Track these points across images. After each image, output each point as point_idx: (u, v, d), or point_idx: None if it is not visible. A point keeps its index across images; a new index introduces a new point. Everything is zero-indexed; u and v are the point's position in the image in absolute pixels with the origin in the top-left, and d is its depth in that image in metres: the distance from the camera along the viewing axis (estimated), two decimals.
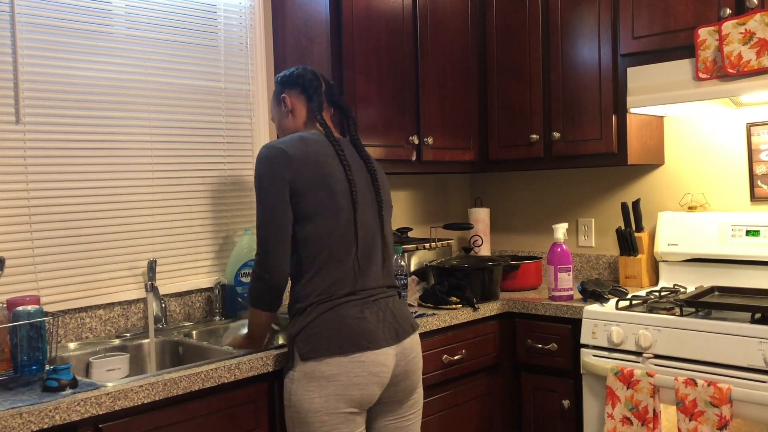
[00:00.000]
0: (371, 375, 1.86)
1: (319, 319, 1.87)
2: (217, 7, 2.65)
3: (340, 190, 1.95)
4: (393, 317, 1.97)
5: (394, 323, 1.95)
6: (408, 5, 2.81)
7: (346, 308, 1.89)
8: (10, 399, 1.56)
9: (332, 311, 1.88)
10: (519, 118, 3.01)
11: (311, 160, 1.94)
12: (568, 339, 2.57)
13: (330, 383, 1.82)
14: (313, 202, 1.91)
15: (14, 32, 2.11)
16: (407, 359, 1.96)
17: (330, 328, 1.86)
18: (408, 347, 1.97)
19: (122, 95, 2.37)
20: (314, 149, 1.97)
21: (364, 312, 1.90)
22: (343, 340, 1.84)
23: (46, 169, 2.19)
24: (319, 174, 1.93)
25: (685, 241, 2.76)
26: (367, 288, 1.95)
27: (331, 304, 1.89)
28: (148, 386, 1.69)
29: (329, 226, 1.92)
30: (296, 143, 1.97)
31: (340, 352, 1.83)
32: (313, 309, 1.88)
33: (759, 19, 2.28)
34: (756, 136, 2.70)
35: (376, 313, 1.93)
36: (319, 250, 1.91)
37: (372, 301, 1.94)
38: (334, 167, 1.97)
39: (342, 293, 1.91)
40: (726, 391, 2.08)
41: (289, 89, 2.12)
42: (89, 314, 2.28)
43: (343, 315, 1.88)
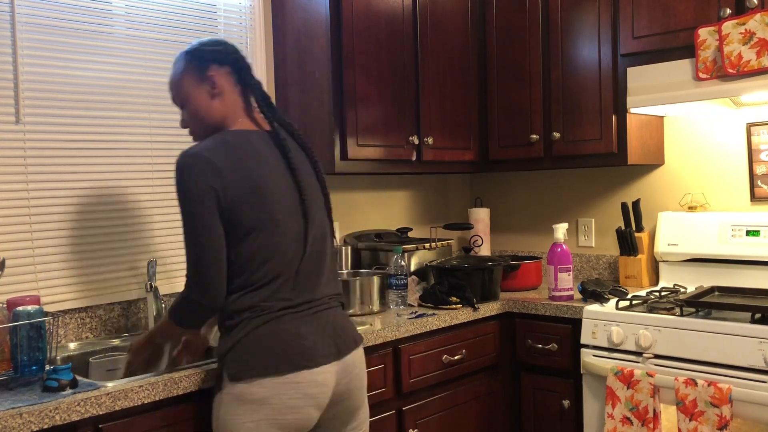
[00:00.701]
0: (308, 397, 1.67)
1: (250, 335, 1.66)
2: (217, 7, 2.65)
3: (277, 201, 1.72)
4: (334, 331, 1.77)
5: (335, 338, 1.76)
6: (408, 5, 2.81)
7: (281, 323, 1.68)
8: (10, 399, 1.56)
9: (265, 327, 1.67)
10: (519, 118, 3.01)
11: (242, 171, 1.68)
12: (568, 339, 2.57)
13: (261, 407, 1.62)
14: (248, 220, 1.68)
15: (14, 32, 2.11)
16: (349, 376, 1.78)
17: (262, 345, 1.65)
18: (350, 363, 1.78)
19: (122, 95, 2.37)
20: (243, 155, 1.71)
21: (300, 327, 1.70)
22: (277, 359, 1.64)
23: (46, 169, 2.19)
24: (253, 185, 1.69)
25: (685, 241, 2.76)
26: (306, 300, 1.75)
27: (265, 318, 1.67)
28: (148, 386, 1.69)
29: (266, 243, 1.70)
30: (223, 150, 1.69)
31: (274, 372, 1.63)
32: (245, 324, 1.67)
33: (759, 19, 2.28)
34: (756, 136, 2.70)
35: (315, 327, 1.73)
36: (255, 269, 1.69)
37: (311, 315, 1.74)
38: (267, 174, 1.72)
39: (277, 308, 1.69)
40: (726, 391, 2.08)
41: (217, 66, 1.78)
42: (89, 314, 2.28)
43: (277, 331, 1.67)
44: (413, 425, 2.38)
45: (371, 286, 2.51)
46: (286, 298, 1.71)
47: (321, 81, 2.61)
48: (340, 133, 2.59)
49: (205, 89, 1.79)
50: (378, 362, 2.27)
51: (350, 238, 3.01)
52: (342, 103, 2.59)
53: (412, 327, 2.36)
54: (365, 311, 2.49)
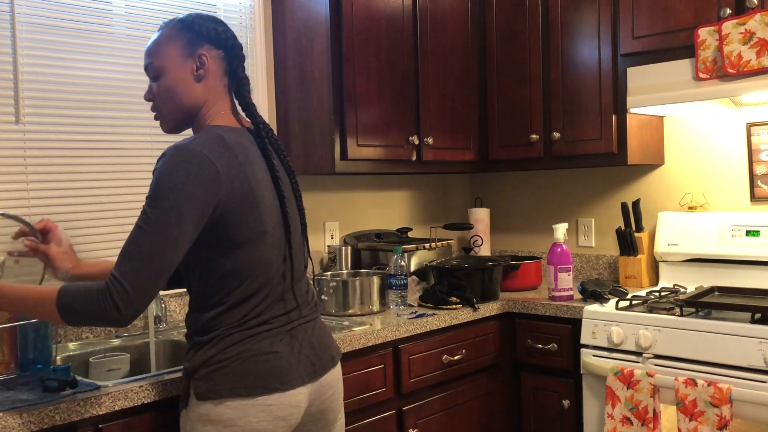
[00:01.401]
0: (278, 419, 1.56)
1: (222, 354, 1.54)
2: (217, 7, 2.65)
3: (267, 210, 1.58)
4: (311, 349, 1.65)
5: (311, 356, 1.64)
6: (408, 5, 2.81)
7: (256, 341, 1.56)
8: (10, 399, 1.56)
9: (239, 345, 1.54)
10: (519, 118, 3.01)
11: (240, 176, 1.53)
12: (568, 339, 2.57)
13: (227, 428, 1.52)
14: (239, 231, 1.53)
15: (14, 32, 2.11)
16: (322, 398, 1.68)
17: (234, 365, 1.53)
18: (325, 384, 1.68)
19: (122, 95, 2.37)
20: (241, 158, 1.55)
21: (274, 345, 1.57)
22: (248, 380, 1.53)
23: (46, 169, 2.19)
24: (248, 192, 1.53)
25: (685, 241, 2.76)
26: (283, 314, 1.62)
27: (239, 336, 1.55)
28: (148, 386, 1.69)
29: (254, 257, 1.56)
30: (222, 150, 1.52)
31: (244, 393, 1.52)
32: (218, 341, 1.55)
33: (759, 19, 2.28)
34: (756, 136, 2.70)
35: (291, 345, 1.60)
36: (238, 284, 1.56)
37: (287, 331, 1.61)
38: (260, 180, 1.58)
39: (254, 324, 1.57)
40: (726, 391, 2.08)
41: (210, 46, 1.60)
42: None
43: (250, 350, 1.55)
44: (413, 425, 2.38)
45: (371, 286, 2.51)
46: (265, 315, 1.58)
47: (321, 81, 2.61)
48: (340, 133, 2.59)
49: (189, 67, 1.60)
50: (378, 362, 2.27)
51: (350, 238, 3.01)
52: (342, 103, 2.59)
53: (412, 327, 2.36)
54: (365, 311, 2.49)
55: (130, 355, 2.16)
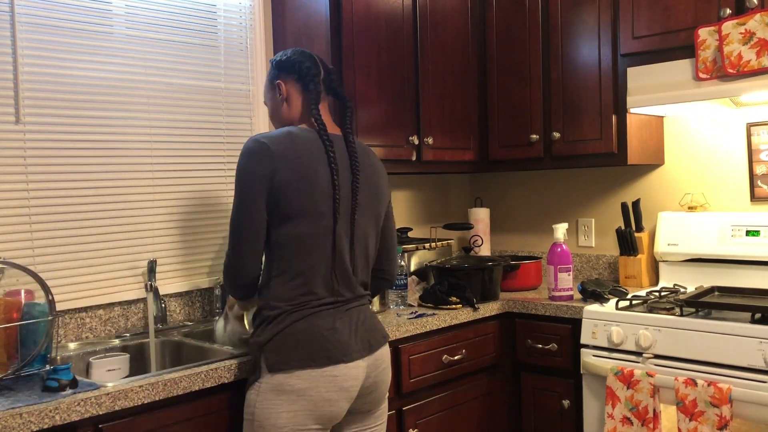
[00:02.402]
0: (342, 390, 1.75)
1: (290, 328, 1.75)
2: (217, 7, 2.65)
3: (323, 194, 1.81)
4: (364, 328, 1.87)
5: (366, 334, 1.86)
6: (408, 5, 2.81)
7: (318, 318, 1.77)
8: (10, 399, 1.56)
9: (304, 321, 1.76)
10: (519, 118, 3.01)
11: (296, 160, 1.79)
12: (568, 339, 2.57)
13: (299, 398, 1.71)
14: (292, 205, 1.78)
15: (14, 32, 2.11)
16: (378, 370, 1.87)
17: (301, 339, 1.74)
18: (379, 358, 1.88)
19: (122, 95, 2.37)
20: (301, 147, 1.82)
21: (336, 323, 1.79)
22: (316, 353, 1.73)
23: (46, 169, 2.19)
24: (303, 175, 1.79)
25: (685, 241, 2.76)
26: (339, 297, 1.84)
27: (304, 313, 1.77)
28: (148, 386, 1.69)
29: (307, 232, 1.79)
30: (283, 139, 1.82)
31: (313, 364, 1.72)
32: (284, 317, 1.76)
33: (759, 19, 2.28)
34: (756, 136, 2.70)
35: (348, 323, 1.82)
36: (293, 255, 1.79)
37: (344, 311, 1.84)
38: (320, 169, 1.82)
39: (314, 302, 1.79)
40: (726, 391, 2.08)
41: (285, 75, 1.96)
42: (89, 314, 2.28)
43: (315, 325, 1.76)
44: (413, 425, 2.38)
45: None
46: (322, 294, 1.80)
47: None
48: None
49: (275, 94, 1.98)
50: None
51: None
52: None
53: (412, 327, 2.36)
54: None
55: (130, 355, 2.16)
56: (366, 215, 1.92)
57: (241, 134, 2.72)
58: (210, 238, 2.61)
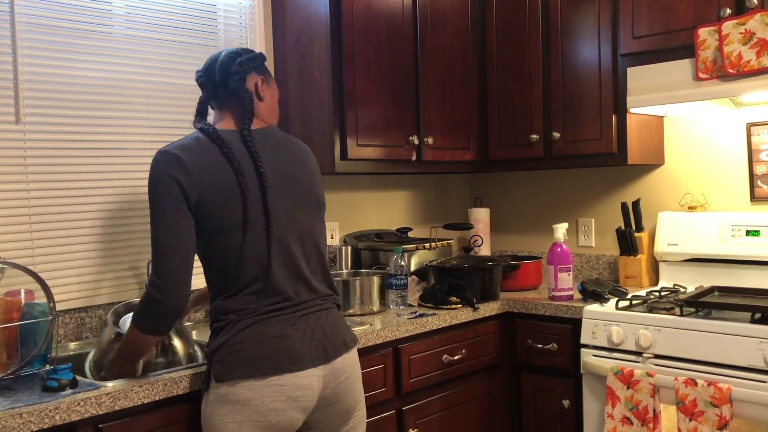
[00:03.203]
0: (290, 400, 1.68)
1: (235, 337, 1.68)
2: (217, 7, 2.65)
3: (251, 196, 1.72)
4: (323, 334, 1.77)
5: (323, 341, 1.76)
6: (408, 5, 2.81)
7: (267, 325, 1.70)
8: (10, 399, 1.56)
9: (251, 329, 1.69)
10: (519, 118, 3.01)
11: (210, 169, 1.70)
12: (568, 339, 2.57)
13: (244, 408, 1.65)
14: (215, 217, 1.69)
15: (14, 32, 2.11)
16: (337, 381, 1.78)
17: (247, 347, 1.67)
18: (339, 368, 1.78)
19: (122, 95, 2.37)
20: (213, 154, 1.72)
21: (286, 329, 1.71)
22: (260, 362, 1.66)
23: (46, 169, 2.19)
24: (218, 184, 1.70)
25: (685, 241, 2.76)
26: (294, 302, 1.76)
27: (251, 320, 1.70)
28: (148, 386, 1.69)
29: (241, 241, 1.70)
30: (193, 147, 1.72)
31: (256, 374, 1.65)
32: (232, 325, 1.69)
33: (759, 19, 2.28)
34: (756, 136, 2.70)
35: (302, 330, 1.74)
36: (235, 266, 1.71)
37: (298, 317, 1.75)
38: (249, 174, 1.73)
39: (263, 309, 1.71)
40: (726, 391, 2.08)
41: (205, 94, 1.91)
42: (89, 314, 2.28)
43: (262, 333, 1.69)
44: (413, 425, 2.38)
45: (371, 286, 2.51)
46: (273, 301, 1.73)
47: (321, 81, 2.61)
48: (340, 133, 2.59)
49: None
50: (378, 362, 2.27)
51: (350, 238, 3.01)
52: (342, 103, 2.59)
53: (412, 327, 2.36)
54: (365, 311, 2.49)
55: None
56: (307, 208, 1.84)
57: None
58: None
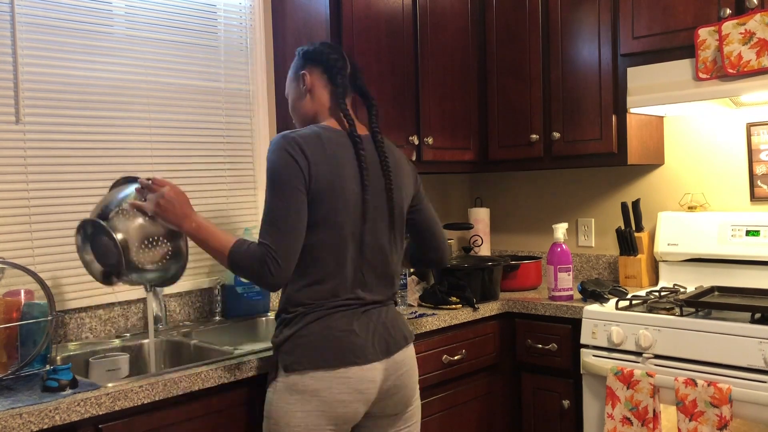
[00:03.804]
0: (356, 392, 1.75)
1: (305, 329, 1.75)
2: (217, 7, 2.65)
3: (352, 199, 1.78)
4: (384, 329, 1.84)
5: (385, 335, 1.83)
6: (408, 5, 2.81)
7: (334, 320, 1.76)
8: (10, 399, 1.56)
9: (319, 322, 1.75)
10: (519, 118, 3.01)
11: (328, 164, 1.75)
12: (568, 339, 2.57)
13: (313, 398, 1.71)
14: (322, 210, 1.74)
15: (14, 32, 2.11)
16: (397, 374, 1.85)
17: (315, 340, 1.74)
18: (399, 361, 1.85)
19: (122, 95, 2.37)
20: (332, 152, 1.77)
21: (352, 324, 1.78)
22: (329, 354, 1.73)
23: (46, 169, 2.19)
24: (334, 181, 1.75)
25: (685, 241, 2.76)
26: (360, 299, 1.81)
27: (319, 314, 1.76)
28: (148, 386, 1.69)
29: (330, 236, 1.75)
30: (314, 140, 1.76)
31: (325, 366, 1.72)
32: (301, 318, 1.76)
33: (759, 19, 2.28)
34: (756, 136, 2.70)
35: (366, 324, 1.80)
36: (312, 260, 1.76)
37: (362, 313, 1.81)
38: (350, 174, 1.78)
39: (331, 304, 1.77)
40: (726, 391, 2.08)
41: (311, 66, 1.88)
42: (89, 314, 2.28)
43: (330, 326, 1.75)
44: None
45: None
46: (340, 296, 1.78)
47: None
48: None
49: (298, 85, 1.91)
50: None
51: None
52: None
53: (412, 327, 2.36)
54: None
55: (130, 355, 2.16)
56: (398, 218, 1.91)
57: (241, 134, 2.72)
58: None
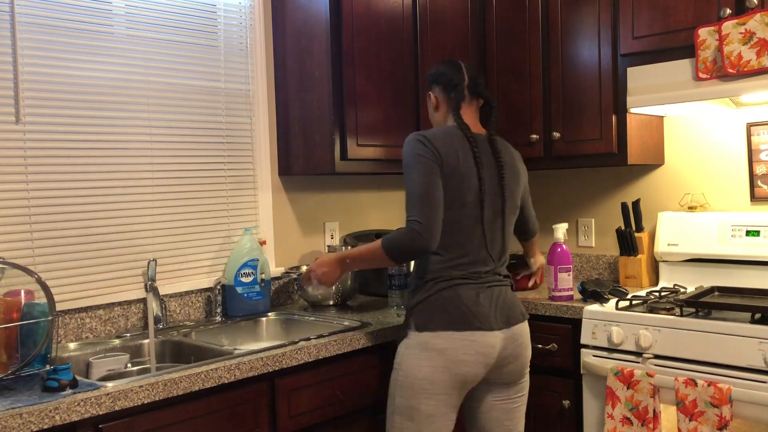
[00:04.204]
0: (479, 354, 1.98)
1: (437, 295, 2.01)
2: (217, 7, 2.65)
3: (471, 185, 2.05)
4: (504, 304, 2.08)
5: (505, 309, 2.07)
6: (408, 5, 2.81)
7: (463, 289, 2.02)
8: (10, 399, 1.56)
9: (450, 290, 2.01)
10: (519, 118, 3.01)
11: (452, 154, 2.04)
12: (568, 339, 2.57)
13: (440, 356, 1.95)
14: (451, 191, 2.02)
15: (14, 32, 2.11)
16: (515, 343, 2.08)
17: (446, 304, 1.99)
18: (517, 333, 2.09)
19: (122, 95, 2.37)
20: (454, 142, 2.07)
21: (479, 295, 2.03)
22: (457, 318, 1.97)
23: (46, 169, 2.19)
24: (456, 168, 2.03)
25: (685, 241, 2.76)
26: (483, 274, 2.07)
27: (450, 283, 2.02)
28: (148, 386, 1.69)
29: (456, 217, 2.03)
30: (440, 135, 2.07)
31: (454, 327, 1.96)
32: (432, 285, 2.02)
33: (759, 19, 2.28)
34: (756, 136, 2.70)
35: (489, 297, 2.05)
36: (448, 235, 2.02)
37: (486, 287, 2.06)
38: (467, 163, 2.06)
39: (460, 276, 2.03)
40: (726, 391, 2.08)
41: (434, 86, 2.23)
42: (89, 314, 2.28)
43: (459, 295, 2.01)
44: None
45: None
46: (468, 270, 2.04)
47: (321, 81, 2.61)
48: (339, 133, 2.59)
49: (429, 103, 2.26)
50: (378, 362, 2.26)
51: (350, 238, 3.00)
52: (342, 103, 2.59)
53: None
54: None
55: (130, 355, 2.16)
56: (509, 207, 2.16)
57: (241, 134, 2.72)
58: (210, 238, 2.61)
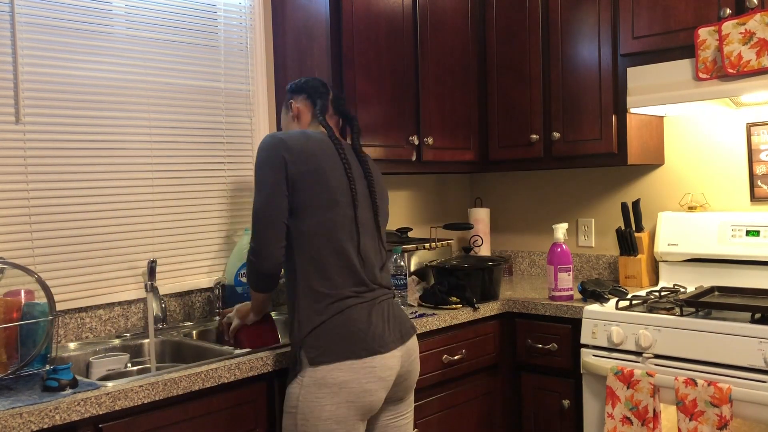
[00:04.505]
0: (380, 380, 1.83)
1: (328, 322, 1.82)
2: (217, 7, 2.65)
3: (338, 186, 1.92)
4: (395, 319, 1.95)
5: (397, 325, 1.94)
6: (408, 5, 2.81)
7: (354, 311, 1.85)
8: (10, 399, 1.56)
9: (341, 315, 1.83)
10: (519, 118, 3.01)
11: (310, 154, 1.92)
12: (568, 339, 2.57)
13: (342, 390, 1.77)
14: (309, 195, 1.88)
15: (14, 32, 2.11)
16: (410, 359, 1.96)
17: (340, 332, 1.81)
18: (411, 348, 1.97)
19: (122, 95, 2.37)
20: (314, 144, 1.95)
21: (371, 315, 1.87)
22: (355, 345, 1.80)
23: (46, 169, 2.19)
24: (317, 168, 1.91)
25: (685, 241, 2.76)
26: (370, 289, 1.92)
27: (340, 306, 1.84)
28: (148, 386, 1.69)
29: (328, 220, 1.88)
30: (297, 136, 1.96)
31: (353, 356, 1.79)
32: (322, 310, 1.83)
33: (759, 19, 2.28)
34: (756, 136, 2.70)
35: (381, 315, 1.90)
36: (319, 246, 1.87)
37: (377, 304, 1.92)
38: (332, 164, 1.94)
39: (346, 294, 1.86)
40: (726, 391, 2.08)
41: (296, 96, 2.14)
42: (89, 314, 2.28)
43: (352, 319, 1.84)
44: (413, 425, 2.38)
45: None
46: (353, 285, 1.88)
47: None
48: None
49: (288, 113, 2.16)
50: None
51: None
52: None
53: None
54: None
55: (129, 355, 2.16)
56: (383, 218, 2.07)
57: (241, 134, 2.72)
58: (210, 238, 2.61)
